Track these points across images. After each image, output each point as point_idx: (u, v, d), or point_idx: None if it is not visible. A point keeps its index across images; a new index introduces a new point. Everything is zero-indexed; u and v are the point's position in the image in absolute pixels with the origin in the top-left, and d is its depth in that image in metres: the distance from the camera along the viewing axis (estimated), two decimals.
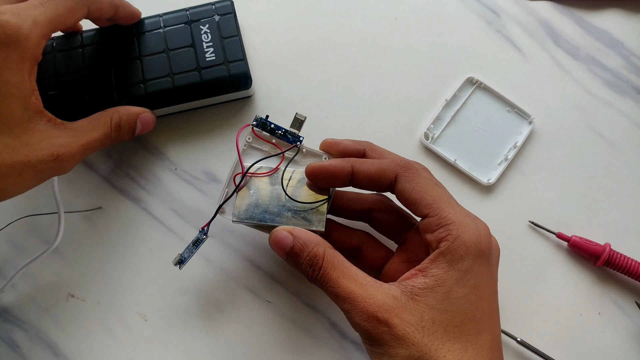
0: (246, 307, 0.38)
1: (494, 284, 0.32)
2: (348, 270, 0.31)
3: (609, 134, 0.43)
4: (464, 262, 0.30)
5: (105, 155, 0.41)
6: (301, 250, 0.32)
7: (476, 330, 0.29)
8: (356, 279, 0.30)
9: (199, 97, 0.40)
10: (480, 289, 0.30)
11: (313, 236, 0.32)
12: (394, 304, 0.29)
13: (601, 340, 0.38)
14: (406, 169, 0.33)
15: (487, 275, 0.31)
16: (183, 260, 0.34)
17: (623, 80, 0.44)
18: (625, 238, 0.40)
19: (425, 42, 0.45)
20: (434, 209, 0.31)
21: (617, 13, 0.46)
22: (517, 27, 0.45)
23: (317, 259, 0.31)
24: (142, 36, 0.40)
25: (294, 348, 0.37)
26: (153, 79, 0.39)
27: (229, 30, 0.40)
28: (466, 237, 0.30)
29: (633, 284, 0.39)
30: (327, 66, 0.44)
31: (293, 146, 0.36)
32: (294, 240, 0.32)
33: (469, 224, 0.31)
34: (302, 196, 0.35)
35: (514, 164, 0.42)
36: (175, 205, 0.40)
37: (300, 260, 0.32)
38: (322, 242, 0.32)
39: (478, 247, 0.30)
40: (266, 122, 0.36)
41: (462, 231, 0.30)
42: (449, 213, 0.31)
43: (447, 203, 0.31)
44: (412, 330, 0.28)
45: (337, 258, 0.31)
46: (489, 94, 0.43)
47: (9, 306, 0.37)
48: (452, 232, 0.30)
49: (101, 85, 0.38)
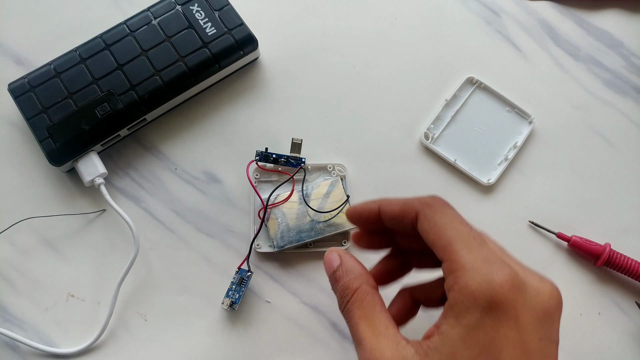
0: (246, 307, 0.38)
1: (525, 347, 0.25)
2: (372, 314, 0.28)
3: (609, 134, 0.43)
4: (470, 316, 0.25)
5: (105, 155, 0.41)
6: (340, 277, 0.30)
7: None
8: (377, 326, 0.28)
9: (214, 71, 0.40)
10: (493, 351, 0.24)
11: (358, 267, 0.30)
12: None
13: (601, 340, 0.38)
14: (428, 206, 0.28)
15: (510, 334, 0.25)
16: (235, 302, 0.36)
17: (623, 80, 0.44)
18: (625, 238, 0.40)
19: (425, 42, 0.45)
20: (448, 252, 0.27)
21: (617, 13, 0.46)
22: (517, 27, 0.45)
23: (348, 290, 0.29)
24: (138, 33, 0.40)
25: (294, 348, 0.37)
26: (165, 68, 0.40)
27: (219, 1, 0.42)
28: (473, 285, 0.25)
29: (633, 284, 0.39)
30: (327, 66, 0.44)
31: (299, 169, 0.39)
32: (339, 266, 0.31)
33: (481, 268, 0.25)
34: (324, 207, 0.38)
35: (514, 164, 0.42)
36: (175, 205, 0.40)
37: (336, 287, 0.31)
38: (362, 276, 0.30)
39: (490, 297, 0.24)
40: (268, 154, 0.39)
41: (471, 277, 0.25)
42: (462, 257, 0.26)
43: (464, 244, 0.27)
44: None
45: (369, 297, 0.29)
46: (489, 94, 0.43)
47: (9, 306, 0.37)
48: (459, 280, 0.26)
49: (118, 90, 0.39)
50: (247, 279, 0.37)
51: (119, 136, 0.40)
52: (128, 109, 0.39)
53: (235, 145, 0.41)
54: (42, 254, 0.38)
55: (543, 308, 0.26)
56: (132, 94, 0.39)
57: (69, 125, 0.38)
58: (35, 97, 0.39)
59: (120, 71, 0.39)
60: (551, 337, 0.27)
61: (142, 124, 0.40)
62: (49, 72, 0.39)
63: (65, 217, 0.39)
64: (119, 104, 0.39)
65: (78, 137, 0.38)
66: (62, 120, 0.38)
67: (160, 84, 0.39)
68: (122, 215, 0.37)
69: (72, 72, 0.39)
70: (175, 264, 0.38)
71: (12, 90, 0.39)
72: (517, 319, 0.25)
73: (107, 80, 0.39)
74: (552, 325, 0.27)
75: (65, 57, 0.40)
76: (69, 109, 0.38)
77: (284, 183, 0.39)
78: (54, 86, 0.39)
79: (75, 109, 0.38)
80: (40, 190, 0.40)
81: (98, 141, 0.39)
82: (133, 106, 0.39)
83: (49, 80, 0.39)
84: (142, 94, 0.39)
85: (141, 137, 0.41)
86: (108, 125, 0.39)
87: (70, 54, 0.40)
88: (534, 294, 0.26)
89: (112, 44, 0.40)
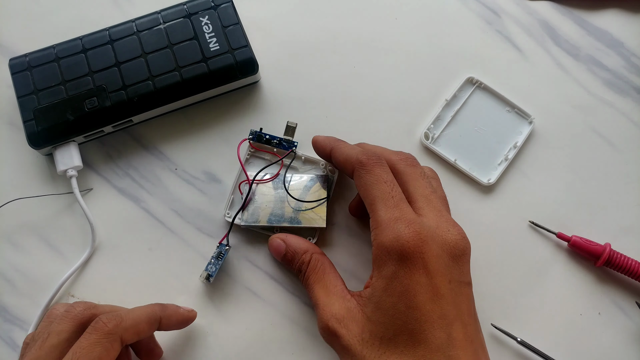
0: (246, 307, 0.38)
1: (435, 290, 0.28)
2: (324, 277, 0.33)
3: (609, 134, 0.43)
4: (387, 268, 0.29)
5: (105, 155, 0.41)
6: (292, 257, 0.35)
7: (412, 342, 0.28)
8: (328, 286, 0.32)
9: (208, 88, 0.40)
10: (409, 296, 0.28)
11: (303, 243, 0.35)
12: (345, 315, 0.30)
13: (601, 340, 0.38)
14: (362, 165, 0.32)
15: (421, 280, 0.28)
16: (211, 275, 0.37)
17: (623, 80, 0.44)
18: (625, 238, 0.40)
19: (425, 42, 0.45)
20: (371, 210, 0.31)
21: (617, 13, 0.46)
22: (517, 27, 0.45)
23: (303, 265, 0.34)
24: (143, 34, 0.40)
25: (294, 348, 0.37)
26: (160, 74, 0.39)
27: (229, 19, 0.41)
28: (386, 241, 0.29)
29: (633, 284, 0.39)
30: (327, 66, 0.44)
31: (289, 152, 0.39)
32: (287, 248, 0.36)
33: (391, 226, 0.29)
34: (303, 199, 0.38)
35: (514, 164, 0.42)
36: (175, 205, 0.40)
37: (292, 266, 0.36)
38: (310, 249, 0.35)
39: (400, 250, 0.28)
40: (261, 134, 0.40)
41: (383, 234, 0.29)
42: (380, 215, 0.30)
43: (383, 203, 0.30)
44: (354, 342, 0.29)
45: (320, 265, 0.33)
46: (489, 94, 0.43)
47: (9, 306, 0.37)
48: (377, 237, 0.30)
49: (110, 87, 0.39)
50: (224, 253, 0.37)
51: (102, 132, 0.40)
52: (115, 107, 0.39)
53: (235, 146, 0.41)
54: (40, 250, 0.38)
55: (450, 254, 0.30)
56: (122, 94, 0.39)
57: (55, 112, 0.38)
58: (31, 77, 0.39)
59: (117, 69, 0.39)
60: (461, 278, 0.30)
61: (127, 124, 0.40)
62: (49, 55, 0.40)
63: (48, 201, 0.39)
64: (107, 101, 0.39)
65: (61, 125, 0.38)
66: (49, 106, 0.38)
67: (151, 89, 0.39)
68: (85, 211, 0.38)
69: (72, 60, 0.39)
70: (176, 264, 0.38)
71: (11, 66, 0.40)
72: (425, 267, 0.28)
73: (102, 75, 0.39)
74: (460, 267, 0.30)
75: (69, 43, 0.40)
76: (59, 96, 0.39)
77: (273, 164, 0.39)
78: (51, 70, 0.39)
79: (65, 97, 0.39)
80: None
81: (80, 133, 0.39)
82: (121, 106, 0.39)
83: (48, 64, 0.39)
84: (131, 96, 0.39)
85: (141, 137, 0.41)
86: (93, 120, 0.39)
87: (75, 41, 0.40)
88: (440, 243, 0.30)
89: (116, 40, 0.40)
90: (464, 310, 0.30)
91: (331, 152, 0.35)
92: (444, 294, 0.29)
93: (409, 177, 0.33)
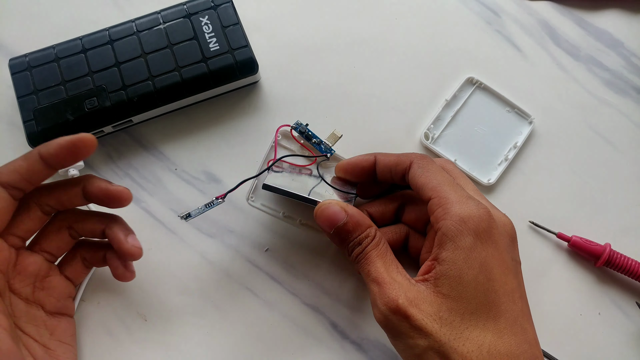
0: (246, 307, 0.38)
1: (506, 264, 0.30)
2: (387, 255, 0.32)
3: (609, 134, 0.43)
4: (465, 239, 0.29)
5: (105, 156, 0.41)
6: (354, 229, 0.32)
7: (493, 315, 0.29)
8: (391, 266, 0.31)
9: (208, 88, 0.40)
10: (488, 268, 0.29)
11: (366, 217, 0.33)
12: (416, 296, 0.29)
13: (601, 340, 0.38)
14: (422, 157, 0.34)
15: (495, 254, 0.30)
16: (190, 215, 0.35)
17: (623, 80, 0.44)
18: (625, 238, 0.40)
19: (425, 42, 0.45)
20: (437, 191, 0.31)
21: (617, 13, 0.46)
22: (517, 27, 0.45)
23: (368, 239, 0.32)
24: (143, 34, 0.40)
25: (294, 348, 0.37)
26: (160, 74, 0.39)
27: (229, 19, 0.41)
28: (463, 214, 0.30)
29: (633, 284, 0.39)
30: (327, 66, 0.44)
31: (323, 155, 0.38)
32: (348, 218, 0.32)
33: (467, 202, 0.30)
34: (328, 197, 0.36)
35: (514, 164, 0.42)
36: (175, 205, 0.40)
37: (350, 238, 0.32)
38: (373, 225, 0.33)
39: (476, 223, 0.29)
40: (305, 129, 0.38)
41: (459, 208, 0.30)
42: (450, 194, 0.31)
43: (451, 186, 0.31)
44: (430, 321, 0.28)
45: (384, 243, 0.32)
46: (489, 94, 0.43)
47: None
48: (449, 210, 0.30)
49: (110, 87, 0.39)
50: (214, 203, 0.36)
51: (102, 132, 0.40)
52: (115, 108, 0.39)
53: (236, 146, 0.41)
54: None
55: (509, 235, 0.32)
56: (122, 94, 0.39)
57: (55, 112, 0.38)
58: (31, 78, 0.39)
59: (117, 69, 0.39)
60: (517, 258, 0.32)
61: (127, 124, 0.40)
62: (49, 55, 0.40)
63: None
64: (107, 101, 0.39)
65: (61, 126, 0.38)
66: (49, 106, 0.38)
67: (151, 89, 0.39)
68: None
69: (71, 60, 0.39)
70: (175, 264, 0.39)
71: (11, 66, 0.40)
72: (496, 243, 0.30)
73: (102, 75, 0.39)
74: (515, 248, 0.33)
75: (69, 43, 0.40)
76: (59, 96, 0.39)
77: (304, 157, 0.38)
78: (50, 70, 0.39)
79: (65, 98, 0.39)
80: None
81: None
82: (121, 106, 0.39)
83: (48, 64, 0.39)
84: (131, 96, 0.39)
85: (141, 137, 0.41)
86: (93, 120, 0.39)
87: (75, 41, 0.40)
88: (501, 224, 0.32)
89: (116, 40, 0.40)
90: (523, 286, 0.31)
91: (376, 158, 0.35)
92: (511, 269, 0.30)
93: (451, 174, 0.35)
